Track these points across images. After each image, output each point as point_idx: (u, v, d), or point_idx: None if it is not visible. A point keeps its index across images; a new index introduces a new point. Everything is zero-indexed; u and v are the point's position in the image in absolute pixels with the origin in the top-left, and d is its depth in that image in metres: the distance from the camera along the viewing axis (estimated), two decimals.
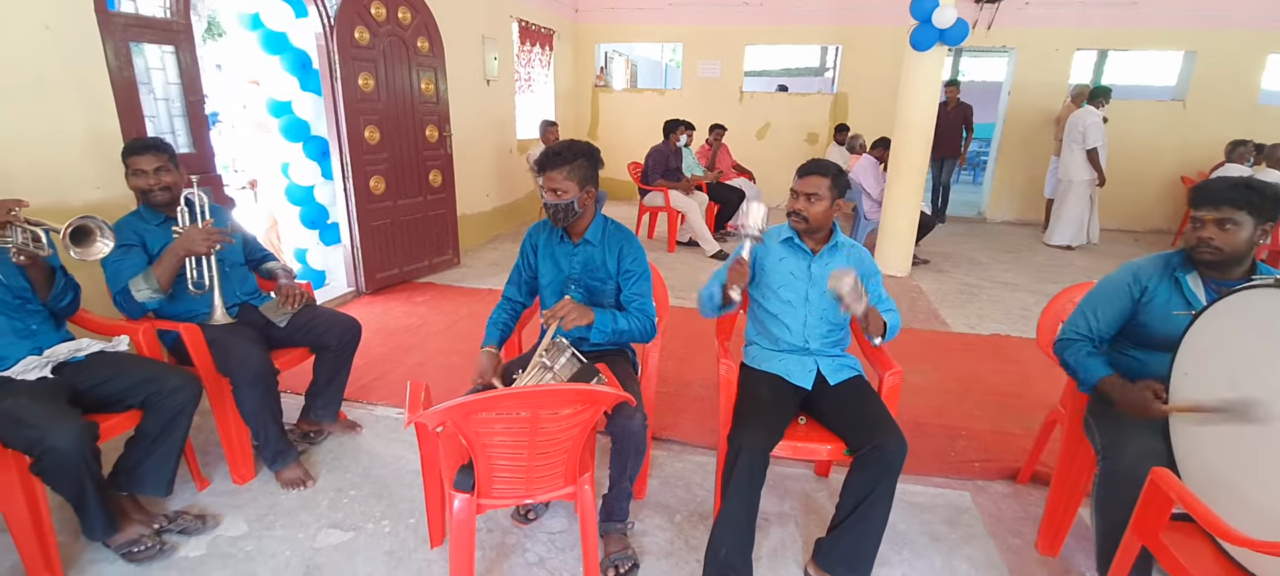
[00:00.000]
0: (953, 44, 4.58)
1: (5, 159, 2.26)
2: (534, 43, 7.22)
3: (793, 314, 2.00)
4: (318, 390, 2.50)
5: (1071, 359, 1.82)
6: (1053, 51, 7.35)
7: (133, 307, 2.11)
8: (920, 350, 3.64)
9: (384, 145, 4.28)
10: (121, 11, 2.72)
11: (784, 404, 1.89)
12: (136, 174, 2.16)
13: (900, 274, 5.23)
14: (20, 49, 2.34)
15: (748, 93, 8.42)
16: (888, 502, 1.70)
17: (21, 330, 1.89)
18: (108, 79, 2.65)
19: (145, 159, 2.16)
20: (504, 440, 1.47)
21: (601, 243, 2.05)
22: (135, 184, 2.18)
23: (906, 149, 4.93)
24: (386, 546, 2.00)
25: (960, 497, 2.32)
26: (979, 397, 3.09)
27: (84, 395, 1.88)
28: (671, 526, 2.13)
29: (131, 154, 2.18)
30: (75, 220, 1.77)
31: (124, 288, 2.07)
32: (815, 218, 1.94)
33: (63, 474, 1.70)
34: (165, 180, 2.18)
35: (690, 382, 3.15)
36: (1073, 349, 1.83)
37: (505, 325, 2.16)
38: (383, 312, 4.08)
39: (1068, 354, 1.83)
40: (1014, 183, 7.89)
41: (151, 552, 1.89)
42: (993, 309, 4.53)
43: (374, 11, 4.04)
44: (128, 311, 2.13)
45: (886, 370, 1.92)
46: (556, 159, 1.90)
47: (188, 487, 2.22)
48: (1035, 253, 6.38)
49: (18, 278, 1.88)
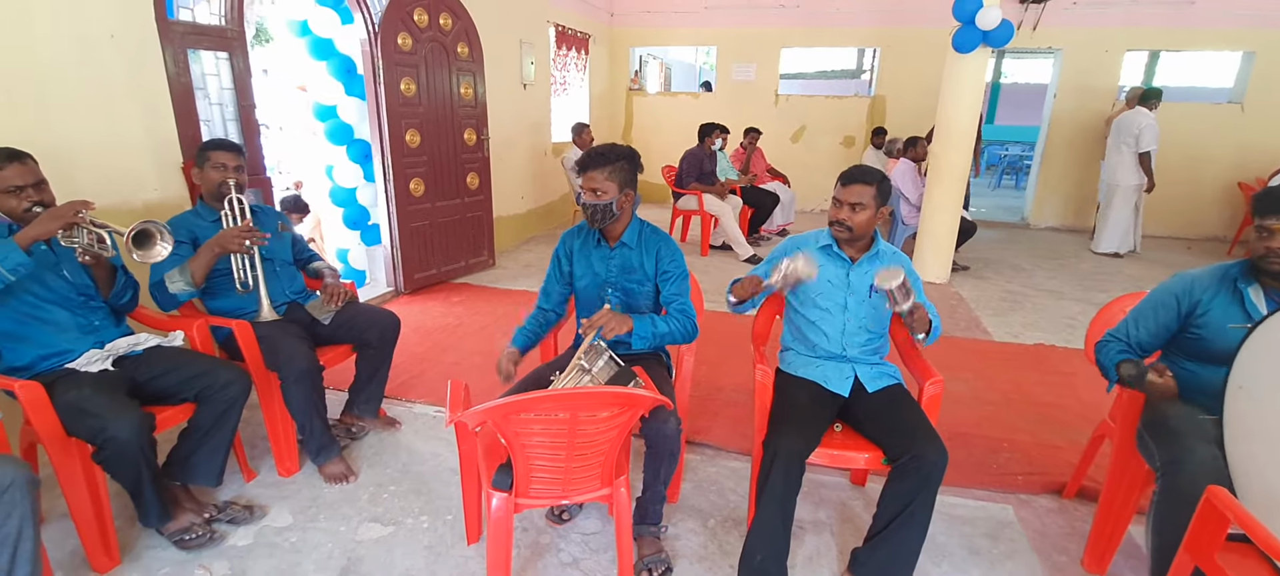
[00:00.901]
0: (997, 46, 4.48)
1: (72, 161, 2.37)
2: (570, 47, 7.29)
3: (831, 321, 1.98)
4: (360, 386, 2.58)
5: (1103, 358, 1.80)
6: (1102, 53, 7.12)
7: (165, 299, 2.18)
8: (960, 359, 3.56)
9: (424, 148, 4.37)
10: (180, 20, 2.83)
11: (821, 410, 1.86)
12: (218, 168, 2.28)
13: (939, 280, 5.12)
14: (88, 57, 2.46)
15: (783, 95, 8.35)
16: (927, 514, 1.67)
17: (85, 325, 1.98)
18: (166, 85, 2.76)
19: (227, 155, 2.30)
20: (542, 441, 1.49)
21: (638, 245, 2.05)
22: (212, 177, 2.29)
23: (948, 153, 4.84)
24: (425, 541, 2.04)
25: (1002, 511, 2.26)
26: (1022, 408, 3.01)
27: (141, 388, 1.97)
28: (705, 531, 2.12)
29: (215, 149, 2.31)
30: (138, 224, 1.85)
31: (160, 279, 2.16)
32: (860, 227, 1.91)
33: (122, 462, 1.78)
34: (239, 179, 2.31)
35: (723, 387, 3.14)
36: (1107, 349, 1.81)
37: (532, 332, 2.17)
38: (421, 312, 4.16)
39: (1101, 355, 1.82)
40: (1059, 187, 7.66)
41: (202, 540, 1.96)
42: (1036, 317, 4.41)
43: (416, 18, 4.13)
44: (160, 302, 2.20)
45: (927, 378, 1.89)
46: (598, 159, 1.91)
47: (236, 479, 2.30)
48: (1082, 260, 6.18)
49: (82, 276, 1.98)
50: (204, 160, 2.30)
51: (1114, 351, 1.79)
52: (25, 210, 1.83)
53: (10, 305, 1.83)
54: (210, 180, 2.30)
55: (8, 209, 1.83)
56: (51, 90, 2.35)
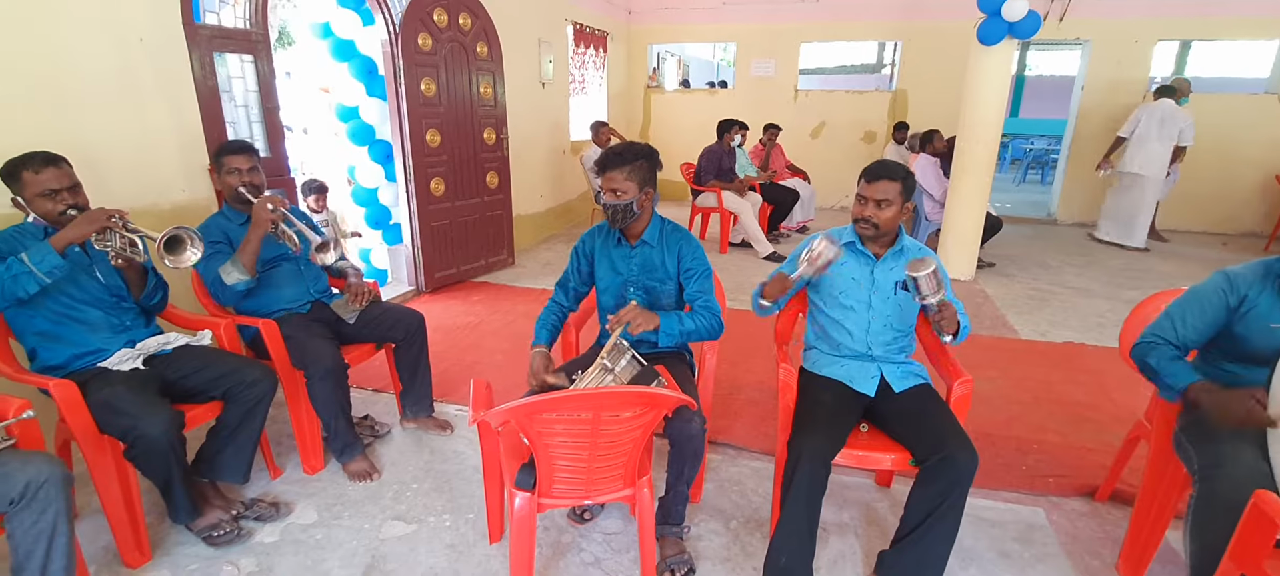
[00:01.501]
0: (1023, 38, 4.38)
1: (103, 163, 2.41)
2: (588, 45, 7.28)
3: (855, 319, 1.95)
4: (405, 388, 2.64)
5: (1155, 362, 1.68)
6: (1132, 43, 6.94)
7: (227, 295, 2.24)
8: (986, 358, 3.50)
9: (444, 148, 4.39)
10: (206, 24, 2.87)
11: (846, 411, 1.84)
12: (231, 172, 2.28)
13: (964, 278, 5.03)
14: (118, 60, 2.51)
15: (802, 91, 8.28)
16: (956, 517, 1.63)
17: (117, 325, 2.02)
18: (193, 88, 2.80)
19: (240, 158, 2.30)
20: (565, 441, 1.48)
21: (659, 243, 2.04)
22: (228, 182, 2.30)
23: (972, 147, 4.75)
24: (448, 540, 2.05)
25: (1033, 514, 2.21)
26: (1051, 409, 2.95)
27: (171, 386, 2.00)
28: (727, 532, 2.11)
29: (227, 154, 2.31)
30: (170, 231, 1.88)
31: (216, 276, 2.20)
32: (885, 224, 1.88)
33: (153, 459, 1.81)
34: (255, 179, 2.31)
35: (744, 386, 3.11)
36: (1156, 352, 1.69)
37: (553, 326, 2.16)
38: (442, 311, 4.19)
39: (1150, 357, 1.70)
40: (1087, 182, 7.47)
41: (230, 537, 1.99)
42: (1065, 315, 4.31)
43: (436, 18, 4.15)
44: (222, 299, 2.26)
45: (956, 378, 1.85)
46: (617, 159, 1.90)
47: (263, 476, 2.33)
48: (1112, 256, 6.04)
49: (115, 277, 2.02)
50: (219, 165, 2.32)
51: (1166, 356, 1.67)
52: (61, 213, 1.87)
53: (46, 306, 1.87)
54: (227, 184, 2.31)
55: (44, 211, 1.86)
56: (83, 94, 2.40)
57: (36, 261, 1.73)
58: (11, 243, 1.84)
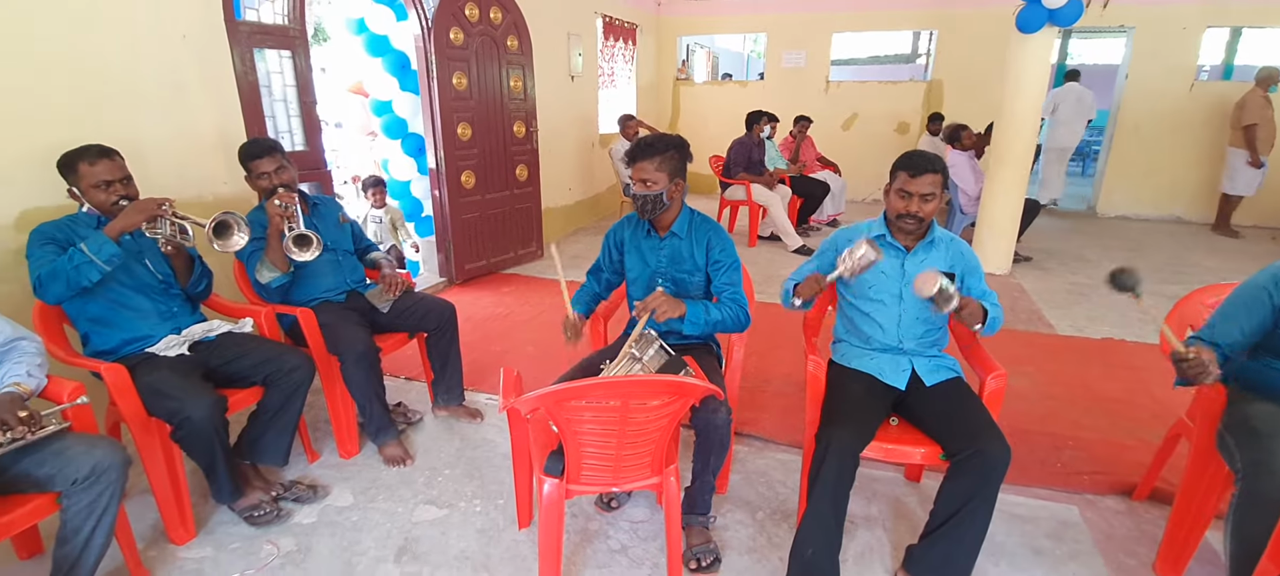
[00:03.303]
0: (1064, 25, 4.25)
1: (150, 156, 2.50)
2: (617, 37, 7.29)
3: (885, 312, 1.92)
4: (438, 377, 2.70)
5: None
6: (1179, 30, 6.69)
7: (263, 292, 2.34)
8: (1021, 352, 3.43)
9: (475, 141, 4.45)
10: (246, 20, 2.95)
11: (875, 403, 1.82)
12: (261, 176, 2.33)
13: (1000, 272, 4.93)
14: (163, 57, 2.59)
15: (834, 82, 8.16)
16: (988, 512, 1.61)
17: (164, 312, 2.10)
18: (235, 83, 2.89)
19: (265, 161, 2.33)
20: (593, 428, 1.50)
21: (688, 235, 2.04)
22: (260, 186, 2.35)
23: (1010, 138, 4.63)
24: (478, 524, 2.09)
25: (1067, 511, 2.17)
26: (1088, 405, 2.88)
27: (215, 371, 2.08)
28: (753, 523, 2.11)
29: (253, 157, 2.34)
30: (217, 216, 1.96)
31: (254, 276, 2.30)
32: (928, 216, 1.85)
33: (197, 442, 1.89)
34: (284, 178, 2.35)
35: (772, 378, 3.10)
36: None
37: (588, 302, 2.23)
38: (472, 302, 4.25)
39: None
40: (1130, 174, 7.25)
41: (269, 517, 2.06)
42: (1104, 310, 4.19)
43: (468, 12, 4.19)
44: (264, 296, 2.36)
45: (989, 372, 1.82)
46: (647, 150, 1.91)
47: (300, 460, 2.41)
48: (1157, 250, 5.85)
49: (163, 265, 2.11)
50: (247, 169, 2.36)
51: None
52: (113, 203, 1.95)
53: (100, 293, 1.95)
54: (259, 188, 2.37)
55: (97, 202, 1.95)
56: (131, 90, 2.49)
57: (95, 250, 1.81)
58: (68, 232, 1.93)
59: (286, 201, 2.24)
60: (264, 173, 2.33)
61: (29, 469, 1.53)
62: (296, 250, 2.21)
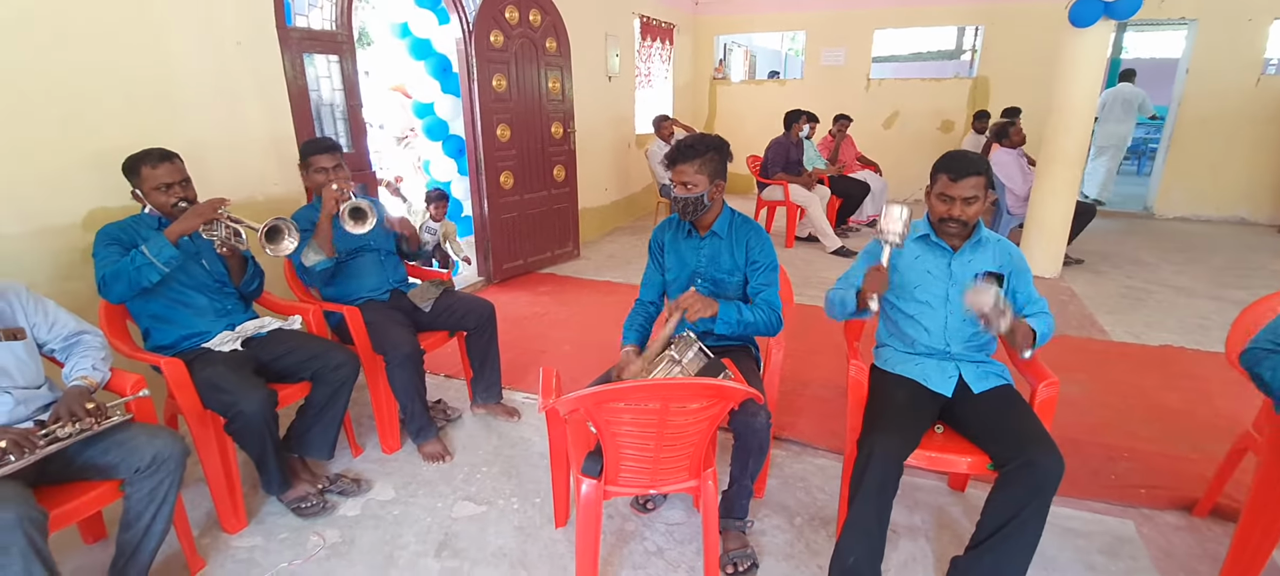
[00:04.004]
0: (1121, 18, 4.08)
1: (206, 159, 2.59)
2: (654, 37, 7.29)
3: (931, 315, 1.87)
4: (476, 375, 2.74)
5: (1268, 374, 1.54)
6: (1244, 22, 6.36)
7: (310, 276, 2.39)
8: (1073, 359, 3.30)
9: (514, 142, 4.50)
10: (296, 26, 3.04)
11: (920, 410, 1.78)
12: (319, 171, 2.43)
13: (1049, 275, 4.76)
14: (220, 64, 2.69)
15: (875, 80, 8.01)
16: (1038, 525, 1.56)
17: (219, 309, 2.18)
18: (285, 87, 2.98)
19: (325, 157, 2.44)
20: (632, 430, 1.50)
21: (728, 235, 2.03)
22: (316, 180, 2.44)
23: (1062, 136, 4.47)
24: (516, 522, 2.12)
25: (1122, 525, 2.08)
26: (1144, 415, 2.76)
27: (266, 367, 2.15)
28: (791, 528, 2.08)
29: (314, 153, 2.45)
30: (270, 221, 2.04)
31: (298, 259, 2.35)
32: (972, 220, 1.80)
33: (250, 434, 1.95)
34: (339, 177, 2.43)
35: (810, 382, 3.06)
36: (1269, 361, 1.55)
37: (641, 326, 2.16)
38: (509, 301, 4.30)
39: (1262, 367, 1.56)
40: (1191, 173, 6.92)
41: (316, 509, 2.12)
42: (1162, 316, 4.02)
43: (508, 15, 4.25)
44: (306, 279, 2.42)
45: (1041, 380, 1.76)
46: (688, 152, 1.90)
47: (345, 454, 2.47)
48: (1219, 252, 5.58)
49: (218, 265, 2.19)
50: (306, 163, 2.46)
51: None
52: (173, 205, 2.03)
53: (161, 291, 2.04)
54: (315, 182, 2.45)
55: (158, 203, 2.04)
56: (189, 94, 2.59)
57: (155, 253, 1.90)
58: (131, 233, 2.02)
59: (341, 184, 2.34)
60: (322, 168, 2.42)
61: (94, 457, 1.61)
62: (352, 222, 2.26)
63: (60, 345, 1.77)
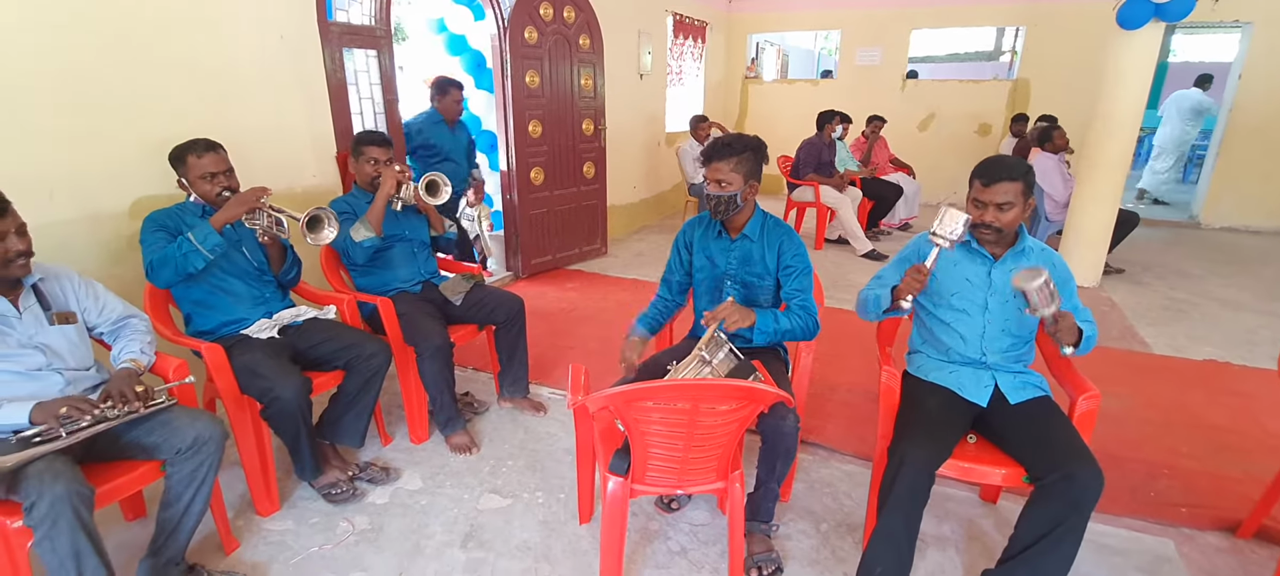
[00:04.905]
0: (1173, 20, 3.94)
1: (249, 149, 2.65)
2: (687, 35, 7.26)
3: (968, 323, 1.83)
4: (504, 369, 2.77)
5: None
6: None
7: (355, 249, 2.46)
8: (1112, 371, 3.20)
9: (545, 138, 4.53)
10: (337, 21, 3.10)
11: (954, 419, 1.74)
12: (370, 161, 2.53)
13: (1088, 284, 4.63)
14: (263, 57, 2.76)
15: (910, 80, 7.86)
16: (1075, 541, 1.52)
17: (258, 297, 2.24)
18: (325, 81, 3.04)
19: (378, 149, 2.55)
20: (661, 430, 1.50)
21: (760, 238, 2.01)
22: (365, 170, 2.54)
23: (1106, 142, 4.34)
24: (540, 516, 2.13)
25: (1162, 544, 2.02)
26: (1187, 432, 2.67)
27: (301, 354, 2.19)
28: (817, 534, 2.06)
29: (368, 143, 2.55)
30: (311, 211, 2.09)
31: (346, 235, 2.41)
32: (1008, 226, 1.75)
33: (285, 420, 2.00)
34: (388, 169, 2.52)
35: (837, 386, 3.02)
36: None
37: (653, 317, 2.17)
38: (537, 296, 4.33)
39: None
40: (1242, 182, 6.65)
41: (346, 495, 2.16)
42: (1207, 330, 3.88)
43: (542, 12, 4.27)
44: (353, 256, 2.51)
45: (1081, 392, 1.71)
46: (724, 150, 1.88)
47: (375, 443, 2.52)
48: (1266, 265, 5.36)
49: (259, 253, 2.25)
50: (358, 153, 2.55)
51: None
52: (217, 194, 2.09)
53: (203, 277, 2.10)
54: (364, 173, 2.54)
55: (203, 192, 2.10)
56: (234, 87, 2.66)
57: (201, 240, 1.96)
58: (177, 220, 2.08)
59: (405, 170, 2.51)
60: (373, 159, 2.53)
61: (139, 437, 1.66)
62: (428, 195, 2.55)
63: (109, 328, 1.83)
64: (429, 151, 3.75)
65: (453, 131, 3.82)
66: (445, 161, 3.78)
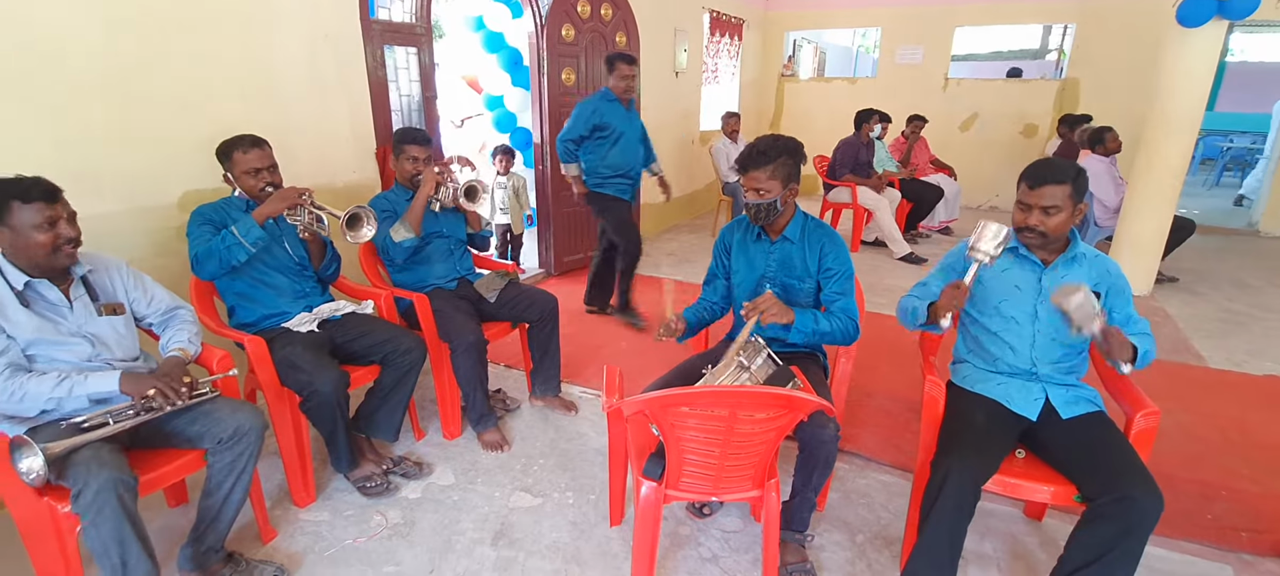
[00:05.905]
0: (1236, 17, 3.75)
1: (292, 145, 2.70)
2: (723, 33, 7.19)
3: (1017, 333, 1.76)
4: (536, 367, 2.78)
5: None
6: None
7: (394, 248, 2.48)
8: (1165, 386, 3.06)
9: None
10: (378, 19, 3.14)
11: (1001, 433, 1.68)
12: (410, 160, 2.56)
13: (1140, 293, 4.44)
14: (308, 55, 2.80)
15: (953, 79, 7.66)
16: (1131, 566, 1.44)
17: (298, 291, 2.27)
18: (366, 78, 3.08)
19: (418, 148, 2.56)
20: (697, 436, 1.47)
21: (801, 240, 1.97)
22: (405, 168, 2.57)
23: (1162, 144, 4.14)
24: (571, 516, 2.12)
25: (1219, 570, 1.92)
26: (1246, 452, 2.54)
27: (339, 348, 2.23)
28: (852, 546, 2.01)
29: (409, 142, 2.56)
30: (351, 209, 2.12)
31: (386, 236, 2.44)
32: (1054, 231, 1.68)
33: (323, 412, 2.02)
34: (428, 168, 2.55)
35: (874, 393, 2.95)
36: None
37: (697, 316, 2.09)
38: (569, 295, 4.31)
39: None
40: None
41: (380, 488, 2.18)
42: (1267, 344, 3.69)
43: (580, 9, 4.26)
44: (392, 254, 2.52)
45: (1139, 409, 1.63)
46: (760, 157, 1.84)
47: (408, 437, 2.54)
48: None
49: (300, 248, 2.29)
50: (399, 150, 2.57)
51: None
52: (261, 189, 2.13)
53: (246, 271, 2.14)
54: (404, 171, 2.57)
55: (248, 187, 2.14)
56: (280, 84, 2.71)
57: (244, 233, 1.99)
58: (222, 214, 2.12)
59: (445, 170, 2.56)
60: (413, 157, 2.55)
61: (183, 426, 1.70)
62: (466, 200, 2.62)
63: (157, 319, 1.87)
64: (602, 132, 3.49)
65: (627, 111, 3.57)
66: (617, 144, 3.53)
